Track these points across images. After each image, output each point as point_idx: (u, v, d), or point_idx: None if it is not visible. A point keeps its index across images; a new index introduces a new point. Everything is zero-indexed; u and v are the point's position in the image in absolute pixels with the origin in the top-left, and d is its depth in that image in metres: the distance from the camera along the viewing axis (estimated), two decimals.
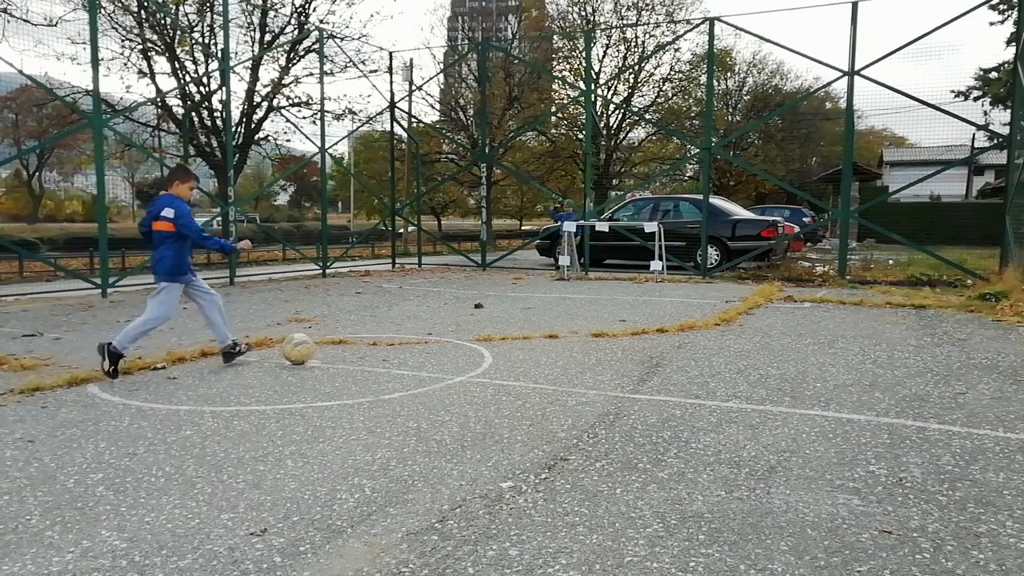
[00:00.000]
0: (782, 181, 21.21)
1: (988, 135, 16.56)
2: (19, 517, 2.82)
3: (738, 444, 3.69)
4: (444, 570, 2.39)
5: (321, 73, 16.49)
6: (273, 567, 2.42)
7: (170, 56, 19.33)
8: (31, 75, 13.43)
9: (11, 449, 3.61)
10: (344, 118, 21.09)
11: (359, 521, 2.77)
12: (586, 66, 18.35)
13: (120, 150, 23.91)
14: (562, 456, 3.52)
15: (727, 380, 5.11)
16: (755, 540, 2.61)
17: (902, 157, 38.45)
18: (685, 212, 15.17)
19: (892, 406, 4.41)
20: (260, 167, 42.53)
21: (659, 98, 31.24)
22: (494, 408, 4.37)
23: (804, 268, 13.67)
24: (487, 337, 6.78)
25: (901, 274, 12.47)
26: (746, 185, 37.42)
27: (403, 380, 5.12)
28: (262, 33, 20.60)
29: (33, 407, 4.40)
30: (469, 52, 27.58)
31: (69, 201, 60.40)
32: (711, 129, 14.28)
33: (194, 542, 2.60)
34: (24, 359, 5.67)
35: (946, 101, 21.52)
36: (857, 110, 13.53)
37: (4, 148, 43.76)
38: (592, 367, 5.55)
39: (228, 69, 13.56)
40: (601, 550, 2.53)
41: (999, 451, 3.58)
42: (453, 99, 30.29)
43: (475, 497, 3.01)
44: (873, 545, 2.57)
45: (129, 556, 2.50)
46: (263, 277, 14.15)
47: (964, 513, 2.85)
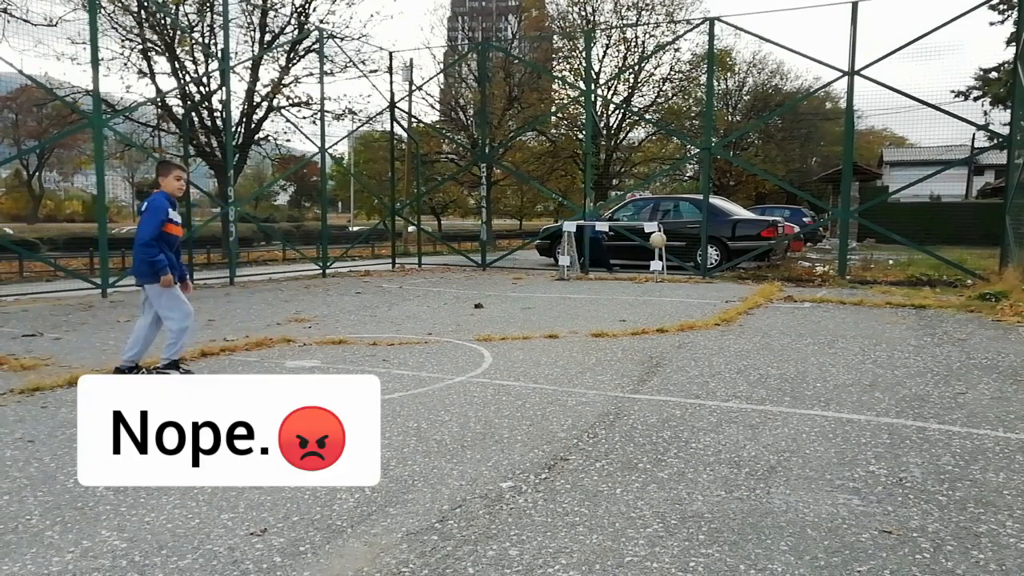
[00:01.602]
0: (782, 181, 21.20)
1: (988, 135, 16.58)
2: (19, 517, 2.82)
3: (738, 444, 3.69)
4: (444, 570, 2.39)
5: (321, 73, 16.49)
6: (273, 567, 2.42)
7: (170, 56, 19.32)
8: (31, 75, 13.43)
9: (11, 449, 3.61)
10: (344, 118, 21.07)
11: (359, 521, 2.77)
12: (586, 66, 18.33)
13: (120, 150, 23.91)
14: (562, 456, 3.52)
15: (727, 380, 5.11)
16: (755, 540, 2.61)
17: (902, 157, 38.42)
18: (685, 212, 15.16)
19: (892, 406, 4.41)
20: (260, 167, 42.52)
21: (659, 98, 31.21)
22: (494, 408, 4.37)
23: (804, 268, 13.67)
24: (487, 337, 6.78)
25: (901, 274, 12.47)
26: (746, 185, 37.40)
27: (403, 380, 5.12)
28: (262, 33, 20.59)
29: (33, 407, 4.40)
30: (469, 52, 27.60)
31: (69, 201, 60.38)
32: (711, 129, 14.28)
33: (194, 542, 2.60)
34: (24, 359, 5.67)
35: (946, 101, 21.51)
36: (857, 110, 13.54)
37: (4, 148, 43.73)
38: (592, 367, 5.55)
39: (228, 69, 13.56)
40: (601, 550, 2.53)
41: (999, 451, 3.58)
42: (453, 99, 30.29)
43: (475, 497, 3.01)
44: (873, 545, 2.57)
45: (129, 556, 2.50)
46: (263, 277, 14.15)
47: (964, 513, 2.85)
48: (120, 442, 1.92)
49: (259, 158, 24.57)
